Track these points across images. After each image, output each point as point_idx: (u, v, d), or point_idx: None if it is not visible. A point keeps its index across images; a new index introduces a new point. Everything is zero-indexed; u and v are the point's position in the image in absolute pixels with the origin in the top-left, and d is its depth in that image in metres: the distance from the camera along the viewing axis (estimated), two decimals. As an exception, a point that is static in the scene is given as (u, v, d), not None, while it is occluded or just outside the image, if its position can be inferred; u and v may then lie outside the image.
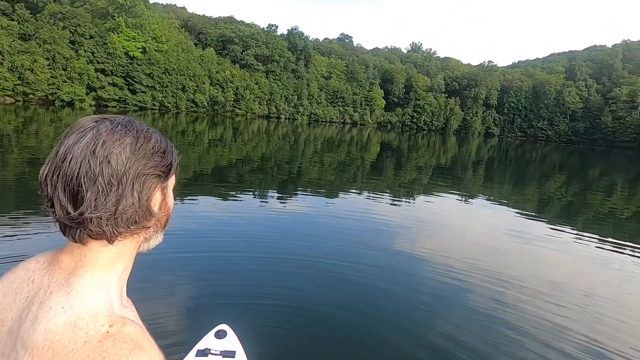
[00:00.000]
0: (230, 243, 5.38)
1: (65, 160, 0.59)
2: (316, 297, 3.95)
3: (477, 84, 78.47)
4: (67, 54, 39.10)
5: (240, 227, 6.21)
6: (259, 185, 10.31)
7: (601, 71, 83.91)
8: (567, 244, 7.22)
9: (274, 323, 3.36)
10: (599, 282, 5.35)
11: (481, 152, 35.59)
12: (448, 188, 13.21)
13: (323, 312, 3.67)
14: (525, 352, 3.35)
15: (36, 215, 5.53)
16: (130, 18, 45.78)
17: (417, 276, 4.86)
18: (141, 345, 0.56)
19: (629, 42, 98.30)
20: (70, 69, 39.16)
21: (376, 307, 3.89)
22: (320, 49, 77.64)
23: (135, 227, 0.64)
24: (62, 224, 0.62)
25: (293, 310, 3.63)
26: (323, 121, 67.88)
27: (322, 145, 25.79)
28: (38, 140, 14.77)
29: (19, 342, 0.58)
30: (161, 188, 0.67)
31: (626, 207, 12.69)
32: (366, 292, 4.21)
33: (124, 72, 44.70)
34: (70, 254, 0.64)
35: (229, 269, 4.49)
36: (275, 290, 4.02)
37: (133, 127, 0.64)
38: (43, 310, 0.58)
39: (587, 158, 40.75)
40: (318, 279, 4.42)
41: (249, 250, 5.16)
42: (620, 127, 71.70)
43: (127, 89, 45.29)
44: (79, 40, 40.63)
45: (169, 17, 61.86)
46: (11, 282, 0.66)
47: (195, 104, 52.31)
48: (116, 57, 43.32)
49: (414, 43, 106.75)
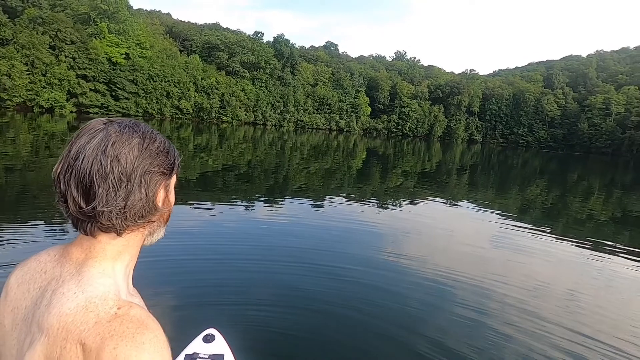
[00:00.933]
0: (217, 248, 5.34)
1: (78, 159, 0.63)
2: (303, 301, 3.95)
3: (460, 92, 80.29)
4: (46, 59, 38.18)
5: (227, 233, 6.14)
6: (244, 191, 10.22)
7: (577, 80, 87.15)
8: (549, 247, 7.40)
9: (262, 326, 3.37)
10: (580, 284, 5.49)
11: (465, 158, 36.30)
12: (433, 193, 13.40)
13: (310, 316, 3.67)
14: (511, 354, 3.39)
15: (12, 223, 5.33)
16: (113, 24, 45.13)
17: (404, 281, 4.89)
18: (146, 324, 0.60)
19: (602, 52, 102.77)
20: (50, 74, 38.22)
21: (363, 312, 3.90)
22: (306, 57, 78.14)
23: (141, 220, 0.69)
24: (74, 218, 0.66)
25: (280, 314, 3.63)
26: (309, 128, 68.06)
27: (309, 152, 25.83)
28: (15, 148, 14.30)
29: (34, 325, 0.63)
30: (165, 185, 0.72)
31: (603, 211, 13.13)
32: (353, 297, 4.21)
33: (107, 78, 43.91)
34: (80, 246, 0.68)
35: (216, 274, 4.45)
36: (263, 294, 4.02)
37: (139, 129, 0.69)
38: (56, 297, 0.63)
39: (566, 163, 42.07)
40: (305, 283, 4.42)
41: (236, 255, 5.13)
42: (596, 134, 74.44)
43: (109, 95, 44.47)
44: (59, 45, 39.75)
45: (153, 23, 61.29)
46: (24, 274, 0.71)
47: (180, 110, 51.72)
48: (98, 63, 42.54)
49: (398, 51, 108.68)
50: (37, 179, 9.25)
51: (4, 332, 0.69)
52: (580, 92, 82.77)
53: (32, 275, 0.70)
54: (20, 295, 0.69)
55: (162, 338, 0.62)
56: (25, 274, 0.71)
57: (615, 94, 74.80)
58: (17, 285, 0.70)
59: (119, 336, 0.57)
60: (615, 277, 5.88)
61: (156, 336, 0.60)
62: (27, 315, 0.66)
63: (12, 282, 0.72)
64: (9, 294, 0.71)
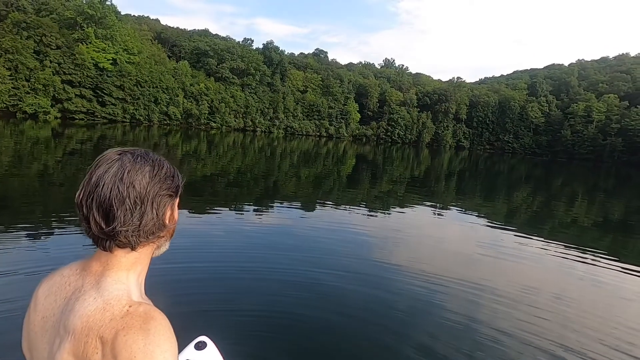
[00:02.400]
0: (206, 256, 5.27)
1: (98, 186, 0.74)
2: (294, 308, 3.94)
3: (447, 99, 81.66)
4: (31, 64, 37.47)
5: (216, 240, 6.06)
6: (234, 198, 10.14)
7: (560, 88, 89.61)
8: (535, 252, 7.52)
9: (253, 333, 3.38)
10: (565, 287, 5.58)
11: (453, 165, 36.79)
12: (422, 199, 13.52)
13: (301, 322, 3.67)
14: (498, 357, 3.41)
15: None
16: (101, 29, 44.62)
17: (393, 286, 4.89)
18: (152, 316, 0.71)
19: (583, 62, 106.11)
20: (34, 79, 37.49)
21: (353, 317, 3.90)
22: (295, 63, 78.51)
23: (152, 237, 0.80)
24: (95, 237, 0.76)
25: (271, 320, 3.64)
26: (299, 134, 68.16)
27: (299, 158, 25.83)
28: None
29: (61, 328, 0.74)
30: (171, 205, 0.84)
31: (587, 216, 13.43)
32: (344, 302, 4.20)
33: (93, 84, 43.26)
34: (98, 260, 0.79)
35: (206, 281, 4.42)
36: (253, 301, 4.01)
37: (149, 158, 0.80)
38: (79, 302, 0.74)
39: (550, 169, 42.99)
40: (295, 289, 4.40)
41: (226, 262, 5.09)
42: (579, 140, 76.46)
43: (95, 101, 43.78)
44: (44, 50, 39.06)
45: (142, 29, 60.91)
46: (50, 287, 0.82)
47: (168, 116, 51.24)
48: (85, 69, 41.91)
49: (387, 59, 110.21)
50: (18, 186, 9.01)
51: (36, 337, 0.80)
52: (563, 99, 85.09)
53: (58, 288, 0.80)
54: (48, 305, 0.80)
55: (167, 326, 0.71)
56: (52, 287, 0.82)
57: (596, 102, 77.13)
58: (44, 297, 0.82)
59: (129, 327, 0.68)
60: (599, 280, 6.00)
61: (161, 324, 0.70)
62: (55, 322, 0.77)
63: (40, 295, 0.83)
64: (38, 305, 0.82)
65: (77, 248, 4.87)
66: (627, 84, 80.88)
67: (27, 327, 0.83)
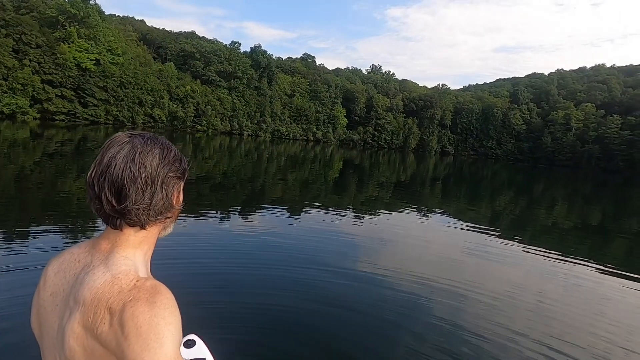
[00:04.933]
0: (194, 255, 5.22)
1: (110, 166, 0.76)
2: (282, 307, 3.95)
3: (433, 105, 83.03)
4: (9, 63, 36.27)
5: (204, 240, 5.97)
6: (220, 202, 10.01)
7: (540, 96, 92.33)
8: (518, 254, 7.68)
9: (242, 331, 3.43)
10: (547, 288, 5.70)
11: (438, 170, 37.34)
12: (408, 204, 13.65)
13: (287, 321, 3.69)
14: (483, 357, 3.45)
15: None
16: (83, 29, 43.68)
17: (379, 288, 4.90)
18: (158, 290, 0.74)
19: (562, 71, 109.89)
20: (12, 79, 36.29)
21: (339, 318, 3.90)
22: (283, 68, 78.54)
23: (161, 217, 0.83)
24: (106, 215, 0.79)
25: (258, 318, 3.65)
26: (286, 138, 68.02)
27: (286, 162, 25.75)
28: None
29: (71, 300, 0.77)
30: (178, 187, 0.87)
31: (566, 220, 13.81)
32: (330, 304, 4.18)
33: (75, 84, 42.19)
34: (107, 238, 0.82)
35: (194, 281, 4.37)
36: (241, 300, 4.03)
37: (159, 141, 0.83)
38: (89, 276, 0.76)
39: (532, 175, 44.12)
40: (281, 290, 4.39)
41: (213, 261, 5.06)
42: (558, 147, 78.82)
43: (77, 102, 42.67)
44: (23, 49, 37.92)
45: (126, 30, 59.92)
46: (60, 264, 0.85)
47: (153, 119, 50.38)
48: (66, 69, 40.86)
49: (373, 65, 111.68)
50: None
51: (46, 313, 0.83)
52: (544, 107, 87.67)
53: (68, 265, 0.83)
54: (58, 281, 0.82)
55: (172, 300, 0.74)
56: (62, 264, 0.84)
57: (575, 110, 79.80)
58: (54, 274, 0.84)
59: (136, 299, 0.71)
60: (578, 281, 6.17)
61: (166, 297, 0.73)
62: (65, 297, 0.80)
63: (50, 272, 0.85)
64: (47, 281, 0.84)
65: (54, 251, 4.70)
66: (604, 94, 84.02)
67: (37, 304, 0.85)
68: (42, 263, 4.17)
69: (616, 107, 76.31)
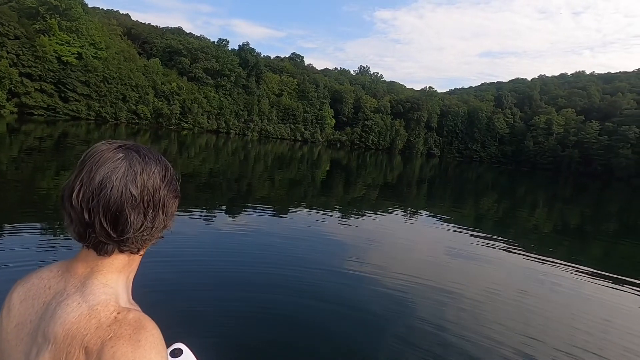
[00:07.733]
0: (179, 261, 5.05)
1: (105, 188, 0.65)
2: (267, 312, 3.90)
3: (420, 108, 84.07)
4: (-15, 54, 34.97)
5: (189, 245, 5.82)
6: (205, 202, 9.85)
7: (523, 101, 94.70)
8: (500, 255, 7.83)
9: (229, 338, 3.37)
10: (528, 288, 5.83)
11: (424, 171, 37.81)
12: (394, 204, 13.75)
13: (275, 326, 3.66)
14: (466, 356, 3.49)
15: None
16: (65, 21, 42.37)
17: (365, 289, 4.91)
18: (143, 325, 0.64)
19: (544, 77, 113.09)
20: (-12, 71, 34.99)
21: (326, 320, 3.88)
22: (271, 66, 78.11)
23: (155, 238, 0.75)
24: (97, 242, 0.68)
25: (245, 325, 3.61)
26: (274, 138, 67.67)
27: (273, 162, 25.60)
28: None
29: (39, 336, 0.66)
30: (175, 207, 0.80)
31: (547, 222, 14.18)
32: (317, 306, 4.17)
33: (55, 78, 40.91)
34: (84, 261, 0.71)
35: (180, 289, 4.26)
36: (228, 307, 3.97)
37: (156, 157, 0.74)
38: (61, 308, 0.65)
39: (514, 178, 45.16)
40: (267, 294, 4.33)
41: (199, 268, 4.94)
42: (540, 151, 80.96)
43: (57, 96, 41.38)
44: (0, 40, 36.55)
45: (110, 24, 58.41)
46: (27, 290, 0.73)
47: (137, 115, 49.32)
48: (46, 62, 39.58)
49: (362, 66, 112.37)
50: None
51: (9, 347, 0.71)
52: (526, 112, 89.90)
53: (37, 292, 0.71)
54: (24, 310, 0.71)
55: (158, 336, 0.65)
56: (29, 291, 0.72)
57: (556, 115, 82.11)
58: (20, 301, 0.72)
59: (117, 337, 0.61)
60: (558, 281, 6.33)
61: (152, 334, 0.64)
62: (32, 330, 0.68)
63: (15, 299, 0.73)
64: (12, 310, 0.72)
65: (32, 252, 4.53)
66: (583, 100, 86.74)
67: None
68: (18, 266, 4.01)
69: (595, 113, 78.85)
